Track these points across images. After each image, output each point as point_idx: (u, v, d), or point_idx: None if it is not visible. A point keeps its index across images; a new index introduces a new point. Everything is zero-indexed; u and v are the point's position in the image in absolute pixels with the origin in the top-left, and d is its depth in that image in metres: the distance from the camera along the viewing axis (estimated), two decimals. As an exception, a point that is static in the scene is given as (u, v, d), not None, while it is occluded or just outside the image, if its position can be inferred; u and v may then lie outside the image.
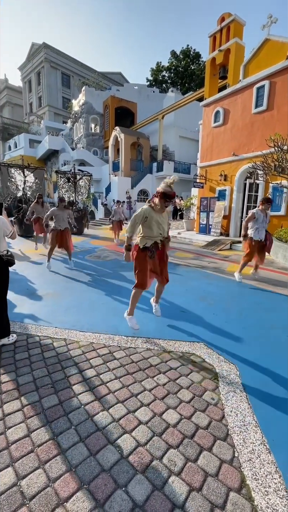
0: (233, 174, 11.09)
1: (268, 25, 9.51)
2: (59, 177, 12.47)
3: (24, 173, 11.37)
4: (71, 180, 12.54)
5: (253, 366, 2.45)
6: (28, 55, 44.23)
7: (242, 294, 4.57)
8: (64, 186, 12.61)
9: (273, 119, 9.43)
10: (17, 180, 11.31)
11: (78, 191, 12.93)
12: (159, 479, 1.39)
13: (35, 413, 1.79)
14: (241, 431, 1.71)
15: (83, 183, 12.97)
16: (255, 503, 1.29)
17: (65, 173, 12.76)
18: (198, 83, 31.55)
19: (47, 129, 34.70)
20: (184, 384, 2.14)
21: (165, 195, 2.69)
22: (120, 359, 2.46)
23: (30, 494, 1.30)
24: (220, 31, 11.42)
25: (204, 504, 1.28)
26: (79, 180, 12.85)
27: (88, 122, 27.04)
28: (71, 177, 12.56)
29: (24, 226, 10.73)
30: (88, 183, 13.14)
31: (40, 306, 3.73)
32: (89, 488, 1.33)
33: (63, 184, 12.60)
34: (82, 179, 12.92)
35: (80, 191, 12.99)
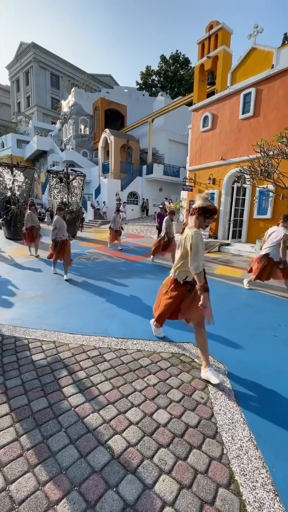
0: (221, 177, 11.32)
1: (254, 34, 9.82)
2: (51, 177, 11.94)
3: (13, 172, 10.83)
4: (63, 180, 12.00)
5: (241, 366, 2.50)
6: (16, 54, 43.63)
7: (230, 295, 4.66)
8: (56, 186, 12.04)
9: (260, 125, 9.72)
10: (5, 180, 10.82)
11: (72, 192, 12.41)
12: (150, 478, 1.40)
13: (24, 416, 1.77)
14: (230, 428, 1.75)
15: (76, 183, 12.51)
16: (243, 498, 1.32)
17: (58, 173, 12.20)
18: (187, 88, 32.07)
19: (36, 130, 34.26)
20: (174, 384, 2.17)
21: (207, 211, 2.18)
22: (111, 361, 2.46)
23: (19, 498, 1.28)
24: (209, 38, 11.69)
25: (194, 501, 1.30)
26: (72, 180, 12.36)
27: (78, 124, 26.90)
28: (64, 177, 12.03)
29: (13, 228, 10.36)
30: (82, 184, 12.68)
31: (28, 309, 3.67)
32: (79, 489, 1.33)
33: (55, 185, 12.03)
34: (75, 179, 12.45)
35: (74, 192, 12.51)
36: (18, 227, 10.22)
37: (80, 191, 12.64)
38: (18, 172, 10.99)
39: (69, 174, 12.24)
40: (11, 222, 10.41)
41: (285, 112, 8.97)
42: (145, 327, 3.21)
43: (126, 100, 27.52)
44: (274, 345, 2.91)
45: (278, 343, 2.95)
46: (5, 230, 10.83)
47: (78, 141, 27.04)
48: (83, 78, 36.89)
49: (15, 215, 10.27)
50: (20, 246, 8.24)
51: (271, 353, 2.75)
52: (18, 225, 10.15)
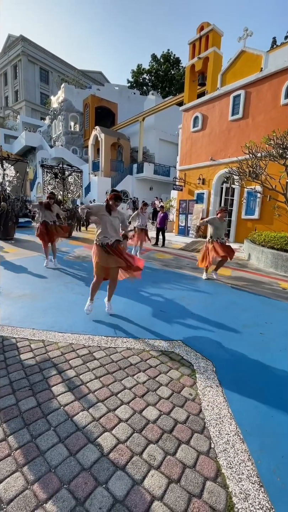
0: (210, 178, 11.46)
1: (244, 37, 9.98)
2: (45, 172, 11.16)
3: (2, 166, 9.94)
4: (59, 176, 11.21)
5: (228, 362, 2.56)
6: (4, 47, 42.48)
7: (218, 294, 4.74)
8: (50, 182, 11.23)
9: (248, 127, 9.90)
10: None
11: (67, 189, 11.65)
12: (139, 474, 1.42)
13: (11, 416, 1.75)
14: (217, 423, 1.79)
15: (72, 179, 11.78)
16: (229, 490, 1.36)
17: (52, 167, 11.43)
18: (178, 87, 32.21)
19: (24, 125, 33.52)
20: (163, 381, 2.19)
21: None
22: (100, 359, 2.46)
23: (7, 498, 1.27)
24: (200, 39, 11.78)
25: (182, 494, 1.33)
26: (68, 176, 11.60)
27: (68, 120, 26.51)
28: (59, 173, 11.23)
29: (3, 227, 9.64)
30: (79, 180, 11.94)
31: (16, 308, 3.60)
32: (69, 487, 1.33)
33: (50, 181, 11.22)
34: (71, 175, 11.71)
35: (70, 189, 11.77)
36: (9, 227, 9.67)
37: (77, 188, 11.96)
38: (8, 166, 10.14)
39: (64, 170, 11.52)
40: (1, 220, 9.62)
41: (273, 114, 9.18)
42: (135, 325, 3.23)
43: (117, 98, 27.36)
44: (260, 343, 2.99)
45: (264, 341, 3.04)
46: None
47: (68, 138, 26.67)
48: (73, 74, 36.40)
49: (5, 212, 9.48)
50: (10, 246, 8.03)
51: (257, 350, 2.83)
52: (9, 224, 9.62)
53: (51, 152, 25.44)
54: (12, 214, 9.72)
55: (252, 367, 2.51)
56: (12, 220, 9.76)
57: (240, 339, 3.04)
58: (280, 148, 6.75)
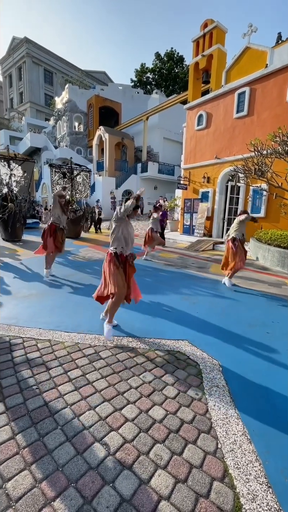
0: (215, 176, 11.38)
1: (249, 33, 9.86)
2: (54, 172, 10.82)
3: (9, 166, 9.62)
4: (67, 175, 10.84)
5: (235, 362, 2.54)
6: (8, 49, 42.86)
7: (224, 293, 4.71)
8: (59, 182, 10.84)
9: (253, 124, 9.78)
10: (1, 174, 9.62)
11: (76, 189, 11.29)
12: (146, 473, 1.42)
13: (19, 415, 1.77)
14: (224, 423, 1.78)
15: (80, 179, 11.42)
16: (237, 490, 1.35)
17: (61, 167, 11.06)
18: (182, 86, 32.04)
19: (29, 126, 33.78)
20: (169, 381, 2.19)
21: None
22: (106, 359, 2.47)
23: (16, 495, 1.28)
24: (203, 36, 11.69)
25: (189, 494, 1.32)
26: (77, 175, 11.26)
27: (72, 121, 26.62)
28: (68, 172, 10.86)
29: (11, 229, 9.42)
30: (87, 180, 11.56)
31: (23, 308, 3.64)
32: (76, 486, 1.34)
33: (58, 180, 10.86)
34: (79, 174, 11.37)
35: (78, 189, 11.40)
36: (17, 228, 9.49)
37: (85, 188, 11.58)
38: (15, 166, 9.77)
39: (73, 169, 11.13)
40: (9, 222, 9.31)
41: (278, 111, 9.05)
42: (140, 324, 3.23)
43: (121, 97, 27.36)
44: (267, 342, 2.96)
45: (270, 340, 3.01)
46: (1, 230, 9.75)
47: (72, 139, 26.78)
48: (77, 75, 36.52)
49: (13, 214, 9.22)
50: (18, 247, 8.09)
51: (264, 349, 2.80)
52: (16, 226, 9.41)
53: (56, 152, 25.58)
54: (20, 215, 9.58)
55: (258, 366, 2.49)
56: (20, 221, 9.66)
57: (247, 339, 3.02)
58: (286, 145, 6.66)
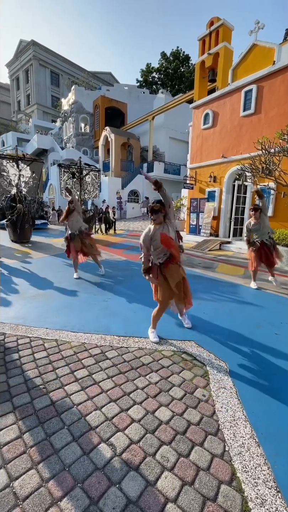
0: (222, 175, 11.28)
1: (256, 30, 9.74)
2: (63, 172, 10.56)
3: (18, 166, 9.47)
4: (76, 175, 10.56)
5: (242, 363, 2.51)
6: (16, 52, 43.44)
7: (231, 293, 4.66)
8: (68, 182, 10.59)
9: (261, 123, 9.66)
10: (10, 175, 9.43)
11: (84, 189, 10.98)
12: (152, 475, 1.41)
13: (27, 414, 1.78)
14: (232, 425, 1.75)
15: (89, 179, 11.13)
16: (245, 494, 1.33)
17: (70, 167, 10.76)
18: (188, 85, 31.90)
19: (36, 128, 34.20)
20: (176, 382, 2.18)
21: None
22: (112, 359, 2.47)
23: (23, 494, 1.29)
24: (209, 35, 11.60)
25: (196, 497, 1.31)
26: (86, 175, 10.97)
27: (78, 122, 26.82)
28: (77, 172, 10.57)
29: (20, 230, 9.33)
30: (96, 180, 11.28)
31: (30, 307, 3.68)
32: (83, 486, 1.34)
33: (67, 180, 10.60)
34: (88, 174, 11.05)
35: (87, 189, 11.13)
36: (25, 229, 9.46)
37: (94, 188, 11.33)
38: (24, 166, 9.68)
39: (82, 169, 10.83)
40: (18, 223, 9.24)
41: (286, 108, 8.91)
42: (147, 325, 3.22)
43: (127, 97, 27.43)
44: (275, 343, 2.91)
45: (279, 341, 2.95)
46: (10, 232, 9.70)
47: (78, 140, 26.98)
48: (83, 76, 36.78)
49: (22, 215, 9.18)
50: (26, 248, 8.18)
51: (272, 350, 2.75)
52: (25, 227, 9.40)
53: (62, 154, 25.80)
54: (29, 216, 9.51)
55: (267, 368, 2.45)
56: (28, 222, 9.63)
57: (255, 340, 2.97)
58: (295, 143, 6.55)
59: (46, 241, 10.23)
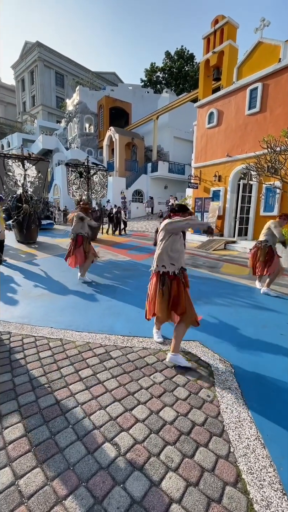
0: (227, 174, 11.20)
1: (261, 28, 9.64)
2: (70, 171, 10.30)
3: (24, 166, 9.31)
4: (83, 175, 10.28)
5: (247, 364, 2.49)
6: (21, 54, 43.79)
7: (236, 293, 4.62)
8: (75, 182, 10.29)
9: (266, 121, 9.56)
10: (16, 174, 9.24)
11: (92, 189, 10.68)
12: (156, 475, 1.40)
13: (32, 413, 1.79)
14: (237, 427, 1.74)
15: (97, 178, 10.82)
16: (250, 496, 1.32)
17: (77, 166, 10.48)
18: (192, 84, 31.74)
19: (41, 129, 34.43)
20: (180, 382, 2.17)
21: None
22: (117, 358, 2.47)
23: (28, 493, 1.30)
24: (214, 33, 11.52)
25: (201, 498, 1.30)
26: (93, 175, 10.68)
27: (83, 122, 26.91)
28: (84, 172, 10.30)
29: (26, 230, 9.21)
30: (104, 179, 11.01)
31: (35, 307, 3.71)
32: (87, 485, 1.34)
33: (74, 180, 10.31)
34: (96, 174, 10.75)
35: (94, 189, 10.79)
36: (32, 230, 9.36)
37: (102, 188, 11.01)
38: (30, 166, 9.51)
39: (89, 168, 10.55)
40: (24, 223, 9.10)
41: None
42: (151, 325, 3.21)
43: (131, 97, 27.40)
44: (280, 343, 2.88)
45: (285, 341, 2.92)
46: (16, 232, 9.57)
47: (83, 140, 27.07)
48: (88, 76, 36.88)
49: (28, 215, 9.04)
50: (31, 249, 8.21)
51: (278, 351, 2.72)
52: (31, 227, 9.29)
53: (67, 154, 25.91)
54: (35, 216, 9.37)
55: (272, 369, 2.42)
56: (35, 222, 9.51)
57: (260, 340, 2.95)
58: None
59: (51, 241, 10.29)
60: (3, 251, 6.18)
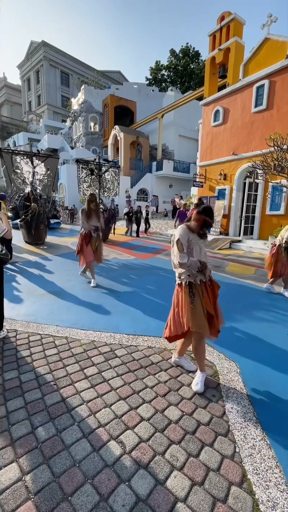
0: (232, 173, 11.11)
1: (268, 24, 9.52)
2: (81, 169, 9.82)
3: (32, 163, 8.86)
4: (95, 172, 9.77)
5: (253, 364, 2.47)
6: (27, 54, 44.06)
7: (242, 293, 4.59)
8: (86, 180, 9.80)
9: (273, 118, 9.45)
10: (24, 172, 8.80)
11: (104, 187, 10.16)
12: (161, 474, 1.41)
13: (38, 410, 1.81)
14: (242, 427, 1.73)
15: (109, 176, 10.27)
16: (256, 497, 1.31)
17: (88, 163, 9.95)
18: (198, 82, 31.52)
19: (46, 128, 34.65)
20: (185, 381, 2.16)
21: None
22: (122, 357, 2.48)
23: (35, 489, 1.32)
24: (220, 30, 11.41)
25: (206, 498, 1.30)
26: (105, 172, 10.16)
27: (88, 121, 26.99)
28: (95, 169, 9.79)
29: (34, 231, 8.73)
30: (116, 177, 10.46)
31: (41, 305, 3.74)
32: (93, 482, 1.35)
33: (85, 178, 9.82)
34: (108, 171, 10.24)
35: (106, 187, 10.26)
36: (40, 230, 8.90)
37: (114, 186, 10.43)
38: (38, 163, 9.05)
39: (101, 165, 10.04)
40: (32, 223, 8.56)
41: (300, 104, 8.68)
42: (156, 324, 3.21)
43: (136, 96, 27.37)
44: (287, 343, 2.85)
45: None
46: (24, 233, 9.08)
47: (88, 139, 27.16)
48: (93, 75, 36.91)
49: (36, 214, 8.50)
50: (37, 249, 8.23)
51: (284, 351, 2.70)
52: (40, 227, 8.83)
53: (72, 153, 26.03)
54: (44, 216, 8.84)
55: (279, 369, 2.40)
56: (44, 222, 8.96)
57: (266, 340, 2.92)
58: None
59: (58, 240, 10.35)
60: (11, 250, 6.23)
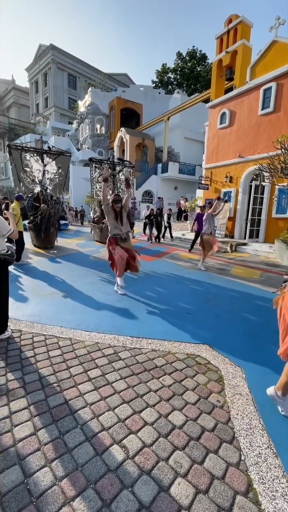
0: (238, 176, 11.05)
1: (276, 26, 9.47)
2: (94, 168, 9.41)
3: (43, 160, 8.27)
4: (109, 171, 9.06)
5: (259, 369, 2.43)
6: (35, 56, 44.68)
7: (247, 297, 4.54)
8: (99, 180, 9.35)
9: (280, 121, 9.38)
10: (33, 170, 8.19)
11: (118, 187, 9.62)
12: (165, 480, 1.38)
13: (41, 411, 1.80)
14: (248, 434, 1.69)
15: (123, 176, 9.75)
16: (262, 507, 1.28)
17: (102, 162, 9.56)
18: (204, 84, 31.53)
19: (53, 130, 34.98)
20: (190, 386, 2.13)
21: None
22: (125, 360, 2.46)
23: (37, 492, 1.30)
24: (227, 32, 11.40)
25: (210, 506, 1.27)
26: (119, 172, 9.69)
27: (94, 123, 27.18)
28: (110, 168, 9.34)
29: (44, 234, 8.05)
30: (131, 177, 9.73)
31: (46, 305, 3.75)
32: (95, 487, 1.33)
33: (98, 178, 9.40)
34: (122, 171, 9.71)
35: (121, 187, 9.67)
36: (50, 233, 8.22)
37: None
38: (49, 161, 8.45)
39: (115, 165, 9.58)
40: (42, 226, 7.89)
41: (307, 106, 8.60)
42: (160, 326, 3.19)
43: (142, 98, 27.48)
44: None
45: (298, 348, 2.83)
46: (33, 236, 8.40)
47: (94, 141, 27.33)
48: (100, 78, 37.19)
49: (46, 216, 7.83)
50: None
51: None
52: (50, 230, 8.17)
53: (78, 155, 26.21)
54: (54, 218, 8.16)
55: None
56: (54, 225, 8.33)
57: (272, 345, 2.87)
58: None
59: (64, 241, 10.40)
60: (22, 249, 6.22)
